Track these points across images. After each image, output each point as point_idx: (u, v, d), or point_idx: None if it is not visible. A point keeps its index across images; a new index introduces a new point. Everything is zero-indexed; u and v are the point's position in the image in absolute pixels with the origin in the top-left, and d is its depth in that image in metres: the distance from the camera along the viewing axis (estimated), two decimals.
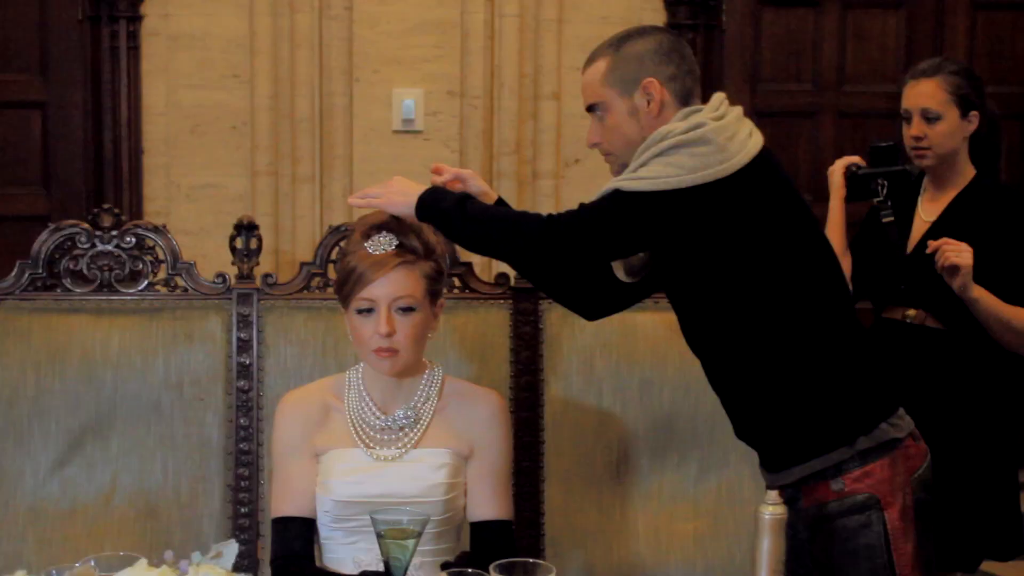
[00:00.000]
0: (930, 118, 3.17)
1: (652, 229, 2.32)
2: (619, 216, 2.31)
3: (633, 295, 2.67)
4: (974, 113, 3.18)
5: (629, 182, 2.32)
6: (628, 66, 2.43)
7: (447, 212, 2.40)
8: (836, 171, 3.33)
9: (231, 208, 4.49)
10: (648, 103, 2.42)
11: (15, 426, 2.97)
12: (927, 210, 3.24)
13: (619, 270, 2.58)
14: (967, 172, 3.21)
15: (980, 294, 2.99)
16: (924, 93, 3.19)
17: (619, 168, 2.47)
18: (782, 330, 2.35)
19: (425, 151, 4.60)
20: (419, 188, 2.46)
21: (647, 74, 2.42)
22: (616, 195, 2.33)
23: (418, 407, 2.53)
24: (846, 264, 3.22)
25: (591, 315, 2.72)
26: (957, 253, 2.96)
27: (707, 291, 2.39)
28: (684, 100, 2.44)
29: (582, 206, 2.38)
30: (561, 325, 3.08)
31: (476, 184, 2.62)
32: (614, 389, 3.06)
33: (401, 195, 2.45)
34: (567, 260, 2.40)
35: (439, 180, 2.59)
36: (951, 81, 3.17)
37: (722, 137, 2.33)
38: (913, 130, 3.20)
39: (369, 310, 2.44)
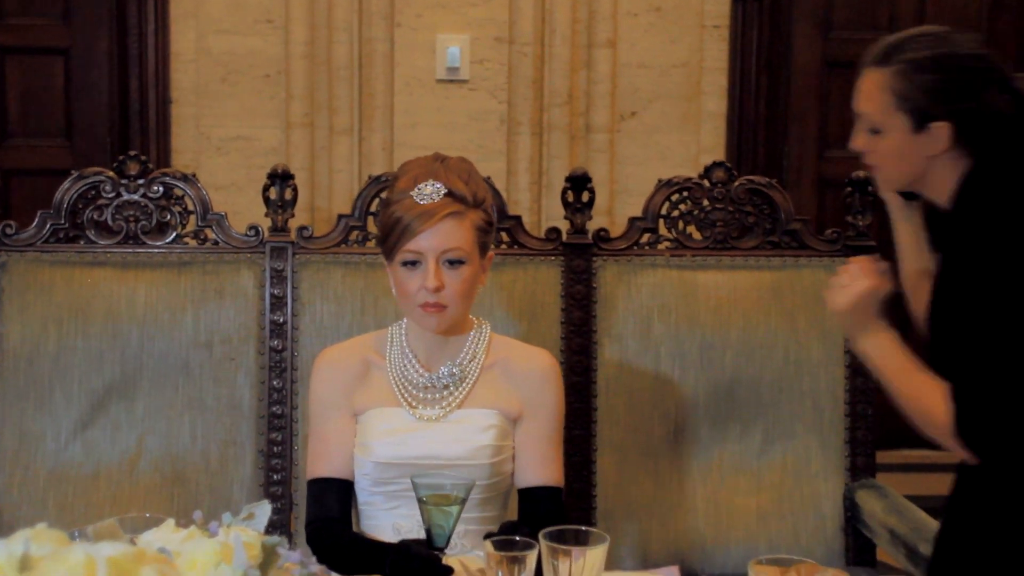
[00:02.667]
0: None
1: None
2: None
3: None
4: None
5: None
6: None
7: None
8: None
9: (264, 162, 4.48)
10: None
11: (36, 386, 3.00)
12: None
13: None
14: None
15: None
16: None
17: None
18: None
19: (470, 102, 4.58)
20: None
21: None
22: None
23: (464, 365, 2.53)
24: None
25: None
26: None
27: None
28: None
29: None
30: (616, 284, 3.06)
31: None
32: (673, 353, 3.05)
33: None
34: None
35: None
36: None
37: None
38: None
39: (415, 263, 2.44)
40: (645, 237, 3.12)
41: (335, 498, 2.50)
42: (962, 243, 2.23)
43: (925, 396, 2.22)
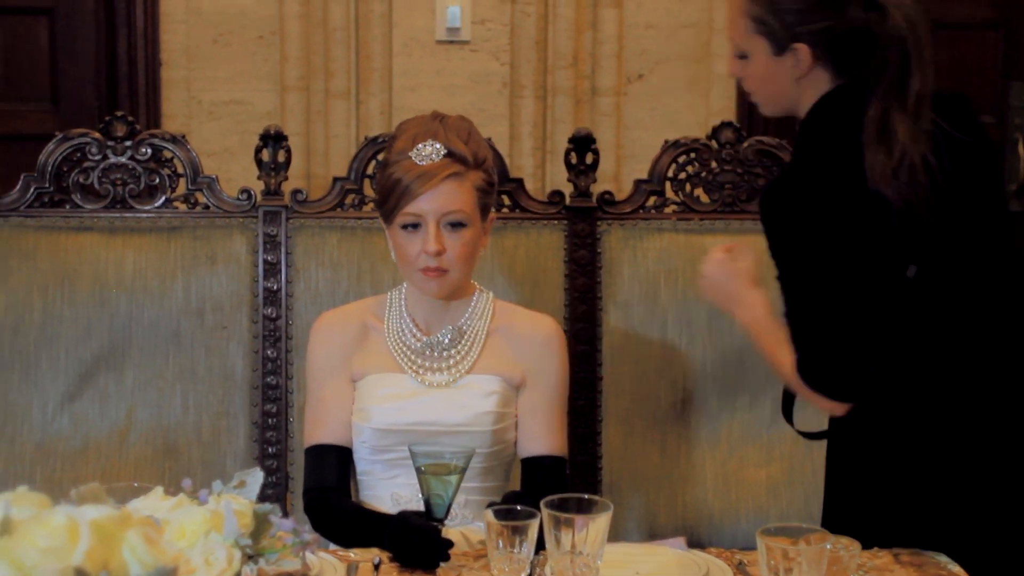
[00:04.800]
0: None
1: None
2: None
3: None
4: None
5: None
6: None
7: None
8: None
9: (258, 127, 4.38)
10: None
11: (21, 356, 3.00)
12: None
13: None
14: None
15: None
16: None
17: None
18: None
19: (472, 63, 4.56)
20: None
21: None
22: None
23: (463, 329, 2.53)
24: None
25: None
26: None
27: None
28: None
29: None
30: (621, 249, 3.06)
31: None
32: (680, 320, 3.05)
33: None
34: None
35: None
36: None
37: None
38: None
39: (415, 225, 2.44)
40: (651, 200, 3.11)
41: (333, 465, 2.51)
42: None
43: (777, 351, 2.36)
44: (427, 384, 2.50)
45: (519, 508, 2.05)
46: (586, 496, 2.07)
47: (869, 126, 2.25)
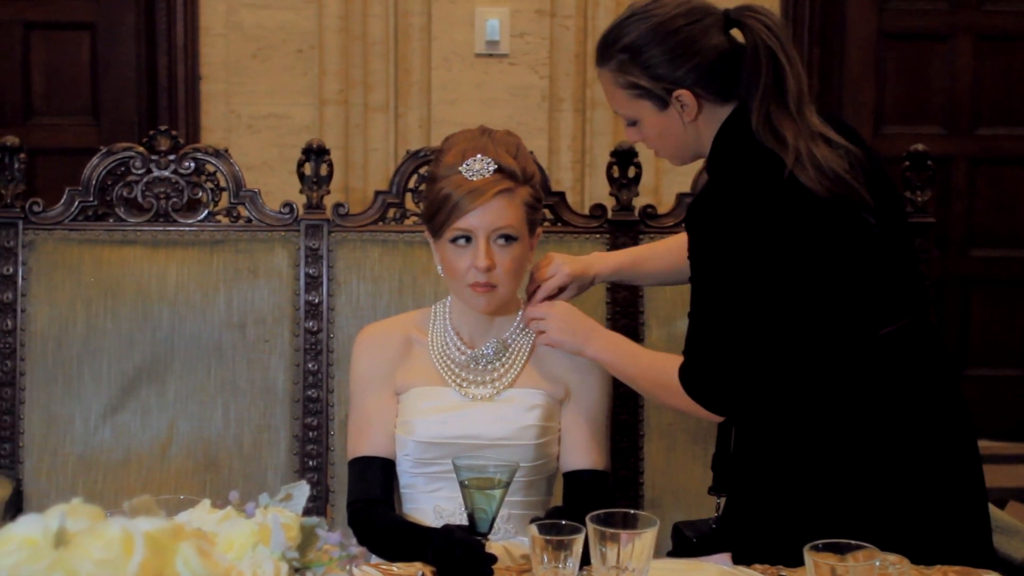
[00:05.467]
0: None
1: None
2: None
3: None
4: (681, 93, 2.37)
5: None
6: None
7: None
8: None
9: (297, 140, 4.49)
10: None
11: (64, 368, 3.02)
12: None
13: None
14: None
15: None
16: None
17: None
18: None
19: (511, 77, 4.59)
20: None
21: None
22: None
23: (507, 343, 2.55)
24: None
25: None
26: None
27: None
28: None
29: None
30: None
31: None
32: None
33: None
34: None
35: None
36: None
37: None
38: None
39: (466, 239, 2.45)
40: None
41: (377, 477, 2.52)
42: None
43: (657, 368, 2.41)
44: (470, 397, 2.52)
45: (564, 523, 2.05)
46: (632, 511, 2.07)
47: (761, 133, 2.31)
